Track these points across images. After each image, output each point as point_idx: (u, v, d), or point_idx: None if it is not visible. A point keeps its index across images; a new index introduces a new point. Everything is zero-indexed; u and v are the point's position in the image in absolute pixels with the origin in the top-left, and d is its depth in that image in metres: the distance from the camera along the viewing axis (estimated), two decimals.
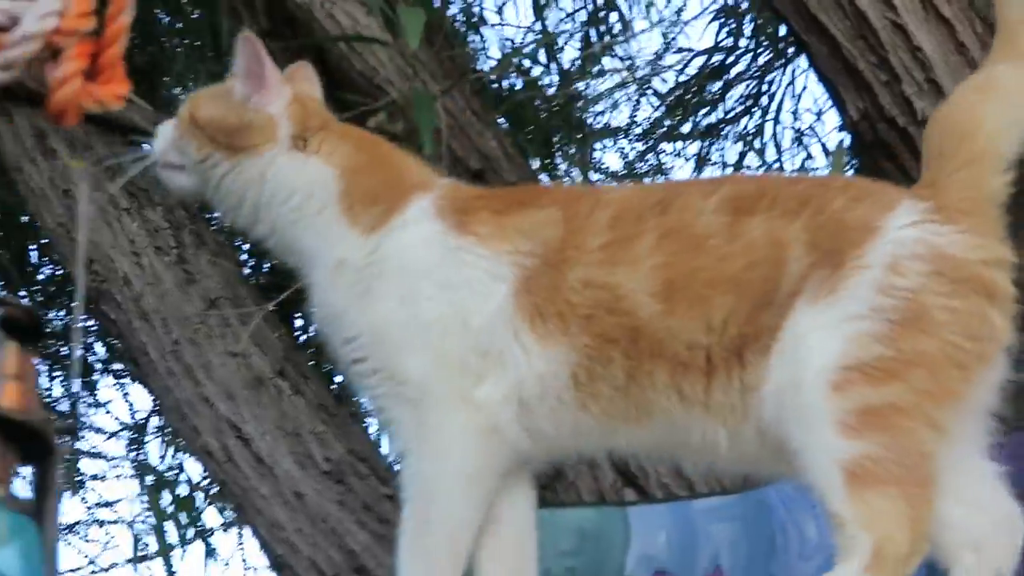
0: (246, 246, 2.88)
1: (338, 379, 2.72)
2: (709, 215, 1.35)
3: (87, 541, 4.06)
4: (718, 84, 3.65)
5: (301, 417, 2.30)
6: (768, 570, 1.91)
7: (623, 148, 3.80)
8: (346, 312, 1.37)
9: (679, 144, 3.77)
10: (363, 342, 1.35)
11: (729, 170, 3.73)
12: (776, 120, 3.65)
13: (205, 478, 3.34)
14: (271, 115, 1.42)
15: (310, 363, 2.53)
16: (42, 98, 2.31)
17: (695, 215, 1.35)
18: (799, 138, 3.71)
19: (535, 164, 2.96)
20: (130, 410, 3.87)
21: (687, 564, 1.90)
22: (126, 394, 3.75)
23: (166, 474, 3.59)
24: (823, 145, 3.73)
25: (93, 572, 3.88)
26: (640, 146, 3.78)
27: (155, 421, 3.80)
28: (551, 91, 3.37)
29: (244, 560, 3.67)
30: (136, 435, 3.73)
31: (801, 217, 1.32)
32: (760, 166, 3.71)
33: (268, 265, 3.02)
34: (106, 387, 3.76)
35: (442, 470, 1.34)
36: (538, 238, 1.37)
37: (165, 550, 3.29)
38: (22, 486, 0.99)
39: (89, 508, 3.97)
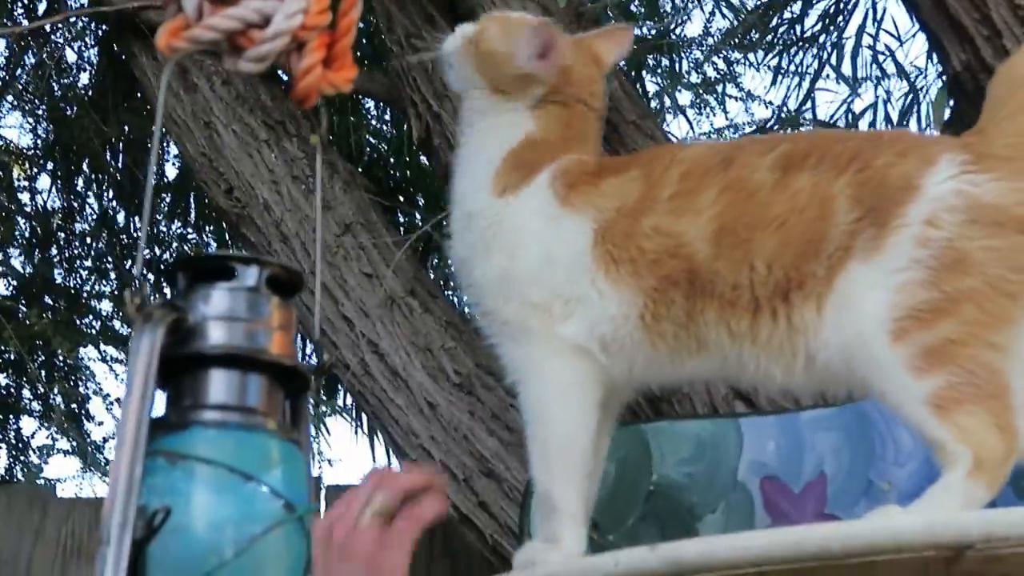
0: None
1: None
2: (764, 171, 1.45)
3: None
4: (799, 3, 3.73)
5: (432, 334, 2.44)
6: (867, 476, 2.02)
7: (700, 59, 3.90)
8: (468, 260, 1.49)
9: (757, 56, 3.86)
10: (476, 289, 1.49)
11: (806, 81, 3.83)
12: (857, 39, 3.72)
13: None
14: (538, 77, 1.51)
15: (439, 284, 2.68)
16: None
17: (752, 171, 1.45)
18: (875, 58, 3.78)
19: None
20: None
21: (794, 470, 2.02)
22: None
23: None
24: (898, 65, 3.82)
25: None
26: (718, 60, 3.88)
27: None
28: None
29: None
30: None
31: (847, 173, 1.41)
32: (836, 79, 3.79)
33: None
34: None
35: (543, 391, 1.48)
36: (619, 196, 1.49)
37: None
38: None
39: None
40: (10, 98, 3.62)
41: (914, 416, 1.36)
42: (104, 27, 3.20)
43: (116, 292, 3.74)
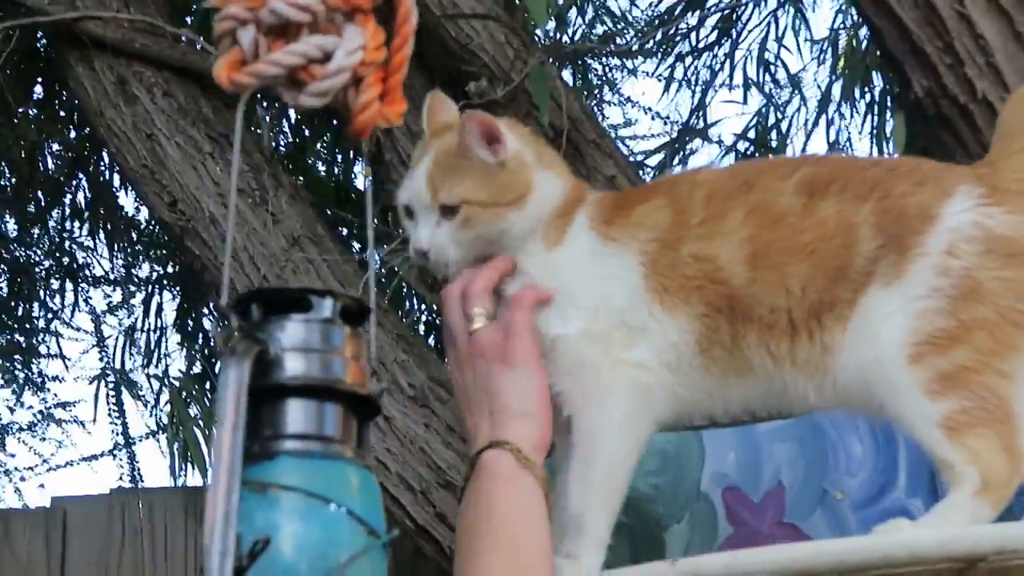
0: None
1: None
2: (788, 196, 1.50)
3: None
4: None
5: (384, 347, 2.46)
6: (822, 485, 2.09)
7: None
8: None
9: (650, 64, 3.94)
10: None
11: (697, 91, 3.92)
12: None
13: None
14: (517, 151, 1.55)
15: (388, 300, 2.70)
16: (119, 45, 2.45)
17: (776, 195, 1.51)
18: (766, 66, 3.89)
19: None
20: None
21: (753, 480, 2.08)
22: None
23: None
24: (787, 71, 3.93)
25: None
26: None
27: None
28: None
29: None
30: None
31: (869, 201, 1.47)
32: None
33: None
34: None
35: (602, 418, 1.51)
36: (654, 226, 1.54)
37: None
38: None
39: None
40: None
41: (927, 437, 1.44)
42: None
43: None
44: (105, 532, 3.35)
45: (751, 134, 3.80)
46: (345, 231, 3.16)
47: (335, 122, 3.19)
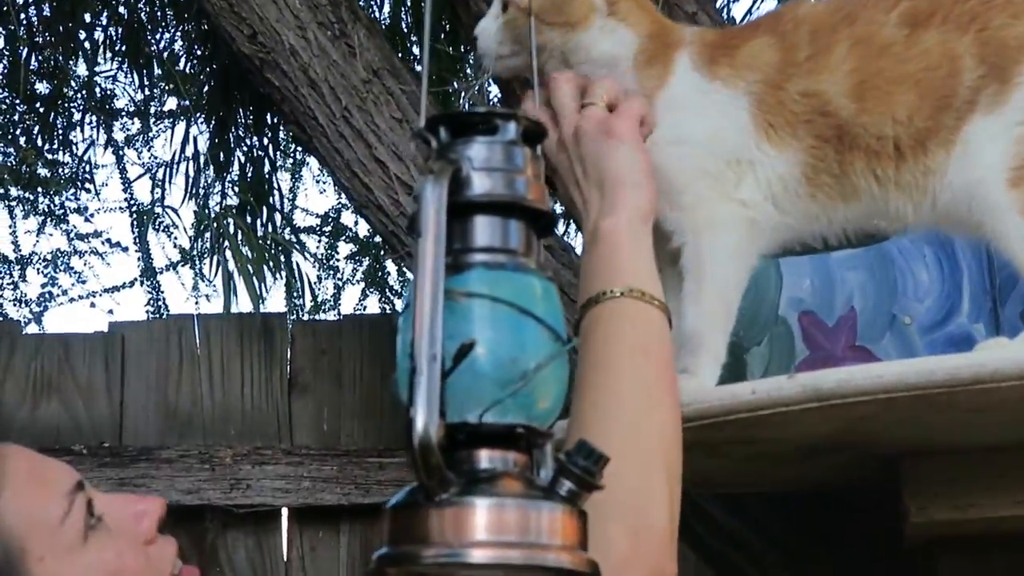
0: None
1: None
2: (891, 27, 1.56)
3: None
4: None
5: None
6: (891, 310, 2.18)
7: None
8: None
9: None
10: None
11: None
12: None
13: None
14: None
15: None
16: None
17: (879, 26, 1.57)
18: None
19: None
20: None
21: (827, 305, 2.17)
22: None
23: None
24: None
25: None
26: None
27: None
28: None
29: None
30: None
31: (969, 33, 1.53)
32: None
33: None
34: None
35: (715, 248, 1.59)
36: (761, 65, 1.60)
37: None
38: None
39: None
40: None
41: (1021, 255, 1.50)
42: None
43: None
44: (163, 357, 3.41)
45: None
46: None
47: None
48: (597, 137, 1.51)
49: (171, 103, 4.28)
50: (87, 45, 4.10)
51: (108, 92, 4.24)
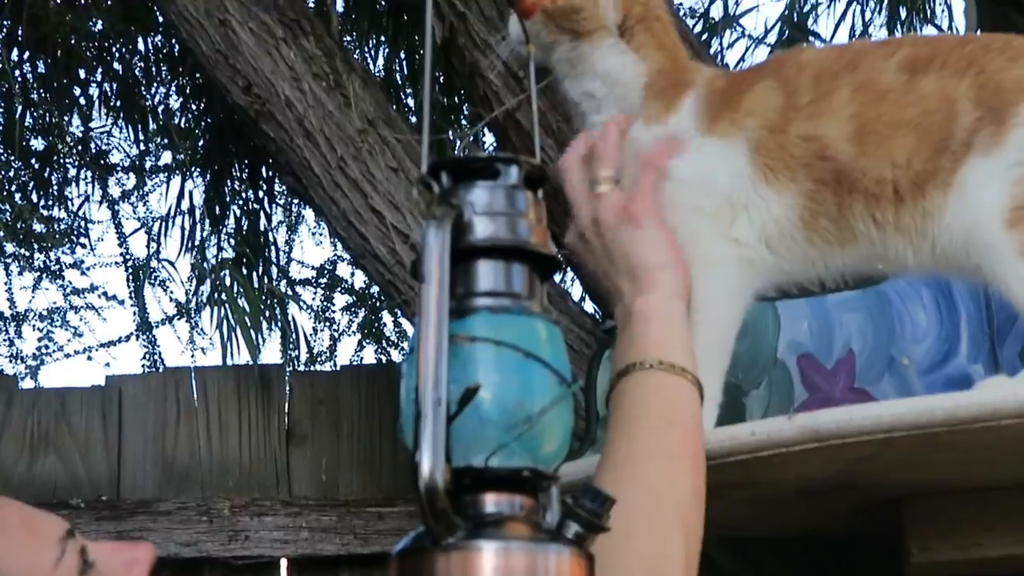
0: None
1: None
2: (891, 73, 1.57)
3: None
4: None
5: None
6: (889, 352, 2.17)
7: None
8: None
9: None
10: None
11: None
12: None
13: None
14: (599, 15, 1.61)
15: None
16: None
17: (879, 73, 1.57)
18: None
19: None
20: None
21: (825, 347, 2.15)
22: None
23: None
24: None
25: None
26: None
27: None
28: None
29: None
30: None
31: (967, 77, 1.53)
32: None
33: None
34: None
35: (710, 286, 1.59)
36: (764, 110, 1.60)
37: None
38: None
39: None
40: None
41: (1021, 297, 1.50)
42: None
43: None
44: (160, 409, 3.40)
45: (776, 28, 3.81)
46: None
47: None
48: (618, 227, 1.52)
49: (166, 157, 4.30)
50: (82, 101, 4.12)
51: (103, 147, 4.25)
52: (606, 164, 1.56)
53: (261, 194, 3.77)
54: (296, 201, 3.80)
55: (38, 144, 4.10)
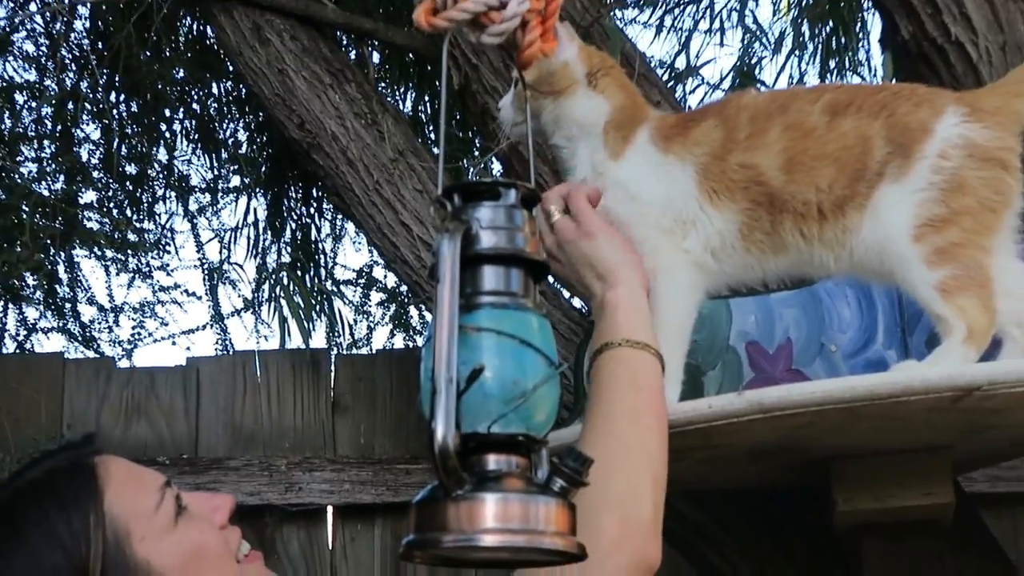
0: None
1: None
2: (816, 115, 1.56)
3: None
4: None
5: None
6: (820, 340, 2.16)
7: None
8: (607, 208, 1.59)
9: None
10: (619, 225, 1.58)
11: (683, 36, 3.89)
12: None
13: None
14: (566, 63, 1.61)
15: None
16: None
17: (806, 115, 1.56)
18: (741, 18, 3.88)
19: None
20: None
21: (768, 336, 2.14)
22: None
23: None
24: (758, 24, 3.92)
25: None
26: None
27: None
28: None
29: None
30: None
31: (879, 119, 1.52)
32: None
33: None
34: None
35: (668, 288, 1.59)
36: (708, 141, 1.60)
37: None
38: None
39: None
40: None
41: (926, 297, 1.49)
42: None
43: None
44: (230, 385, 3.40)
45: (730, 76, 3.81)
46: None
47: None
48: (577, 241, 1.52)
49: (235, 180, 4.28)
50: (167, 135, 4.11)
51: (184, 172, 4.25)
52: (552, 201, 1.56)
53: (312, 210, 3.77)
54: (341, 216, 3.78)
55: (131, 169, 4.10)
